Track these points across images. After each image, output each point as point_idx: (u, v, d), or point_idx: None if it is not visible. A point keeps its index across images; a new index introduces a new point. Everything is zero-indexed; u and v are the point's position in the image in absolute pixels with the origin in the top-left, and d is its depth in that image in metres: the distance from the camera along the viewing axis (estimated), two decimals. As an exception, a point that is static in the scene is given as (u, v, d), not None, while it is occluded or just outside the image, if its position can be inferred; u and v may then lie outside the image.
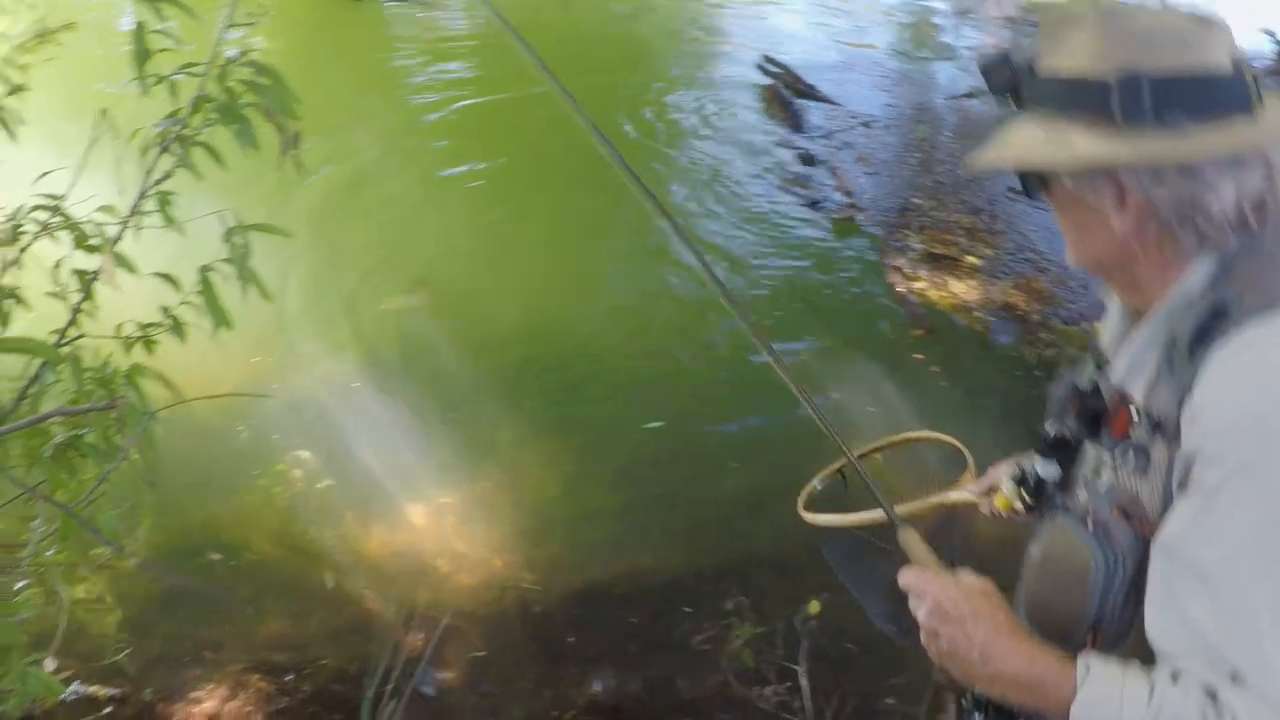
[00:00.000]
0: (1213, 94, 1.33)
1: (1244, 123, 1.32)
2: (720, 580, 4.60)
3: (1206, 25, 1.34)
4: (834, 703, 4.06)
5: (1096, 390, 1.56)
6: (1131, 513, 1.42)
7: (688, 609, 4.52)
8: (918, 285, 6.68)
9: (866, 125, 8.92)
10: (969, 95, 9.63)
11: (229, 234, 2.25)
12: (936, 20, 11.49)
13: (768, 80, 9.46)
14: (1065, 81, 1.38)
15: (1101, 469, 1.51)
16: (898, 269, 6.83)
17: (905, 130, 8.92)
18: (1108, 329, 1.65)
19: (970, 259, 7.01)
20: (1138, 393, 1.44)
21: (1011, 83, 1.46)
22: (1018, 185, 1.57)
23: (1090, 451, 1.57)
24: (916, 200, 7.73)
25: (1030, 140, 1.42)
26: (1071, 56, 1.37)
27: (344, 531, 4.93)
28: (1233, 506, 1.23)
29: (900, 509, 2.13)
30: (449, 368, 5.92)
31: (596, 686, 4.24)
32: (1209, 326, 1.32)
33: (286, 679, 4.24)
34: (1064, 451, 1.63)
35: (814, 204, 7.61)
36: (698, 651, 4.37)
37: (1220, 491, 1.24)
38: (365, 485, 5.16)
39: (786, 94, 9.17)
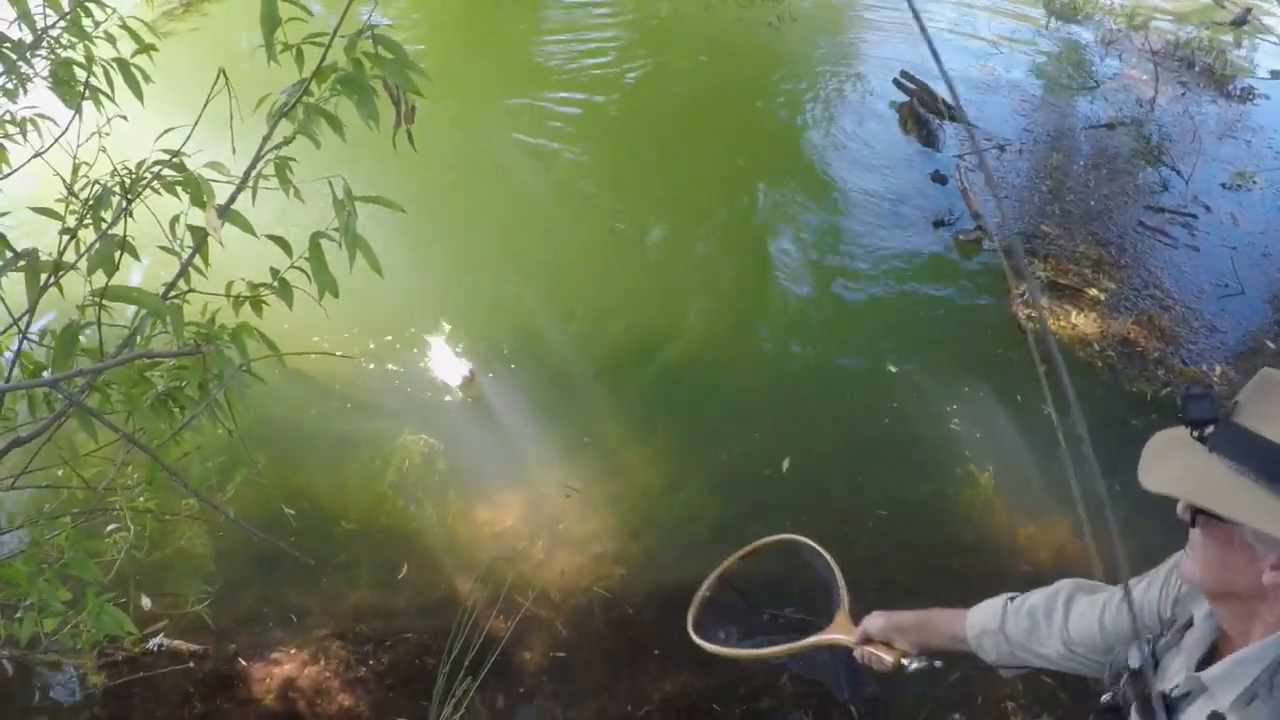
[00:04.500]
0: None
1: None
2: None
3: None
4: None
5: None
6: None
7: (776, 620, 4.48)
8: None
9: (1001, 148, 8.79)
10: (1107, 126, 9.40)
11: (339, 203, 2.26)
12: (1081, 49, 11.19)
13: (904, 96, 9.32)
14: (1276, 451, 1.47)
15: None
16: (1020, 295, 6.68)
17: (1039, 156, 8.75)
18: (1185, 632, 1.80)
19: (1093, 291, 6.86)
20: (1225, 701, 1.58)
21: (1206, 423, 1.56)
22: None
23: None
24: (1045, 228, 7.60)
25: (1225, 490, 1.50)
26: None
27: (443, 509, 5.03)
28: None
29: (782, 649, 2.64)
30: (564, 360, 5.97)
31: (673, 685, 4.23)
32: None
33: (367, 649, 4.32)
34: (1114, 717, 1.83)
35: (941, 223, 7.51)
36: (778, 663, 4.33)
37: None
38: (469, 466, 5.24)
39: (922, 111, 9.03)
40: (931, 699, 4.21)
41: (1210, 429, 1.54)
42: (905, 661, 2.28)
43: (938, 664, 2.29)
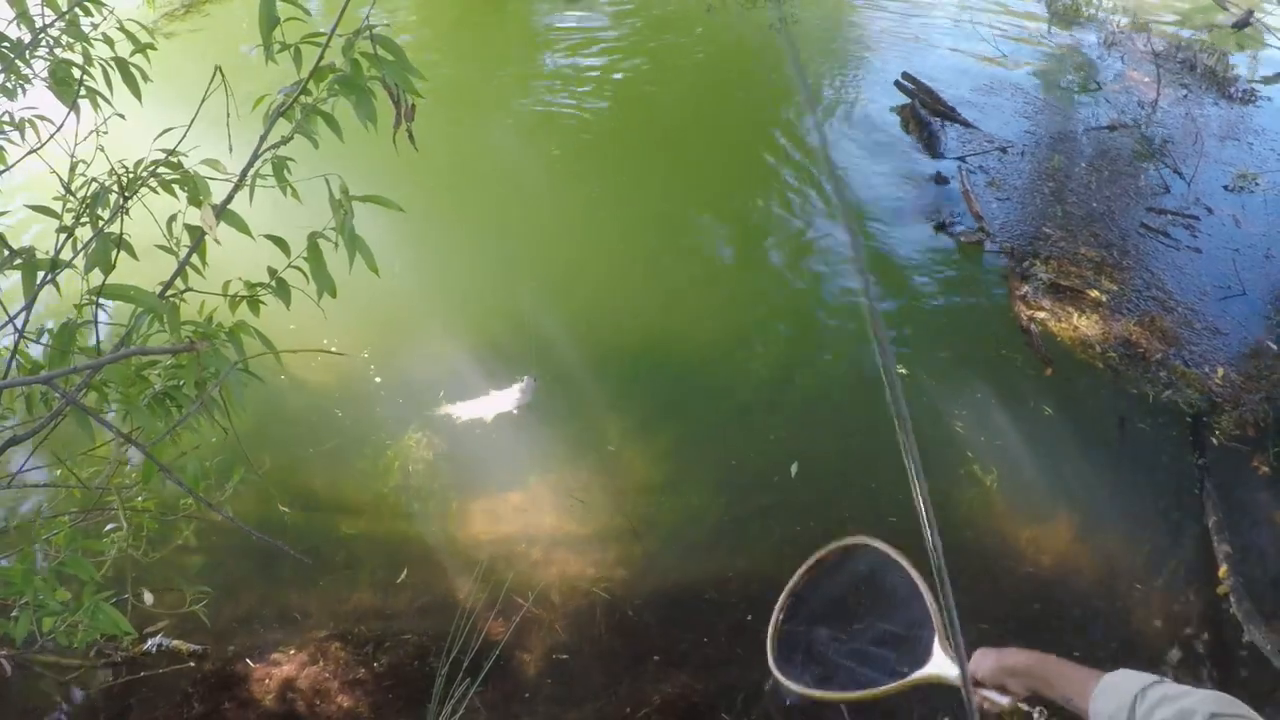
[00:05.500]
0: None
1: None
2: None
3: None
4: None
5: None
6: None
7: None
8: (1040, 315, 6.53)
9: (1003, 150, 8.78)
10: (1109, 128, 9.37)
11: (336, 202, 2.26)
12: (1084, 51, 11.19)
13: (905, 98, 9.32)
14: None
15: None
16: (1021, 297, 6.69)
17: (1041, 158, 8.75)
18: None
19: (1094, 293, 6.85)
20: None
21: None
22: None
23: None
24: (1046, 229, 7.60)
25: None
26: None
27: (444, 510, 5.04)
28: None
29: (882, 690, 2.33)
30: (568, 361, 5.96)
31: (673, 688, 4.22)
32: None
33: (366, 650, 4.32)
34: None
35: (942, 225, 7.50)
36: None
37: None
38: (470, 467, 5.23)
39: (924, 113, 9.04)
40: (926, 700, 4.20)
41: None
42: (1025, 709, 2.11)
43: None
